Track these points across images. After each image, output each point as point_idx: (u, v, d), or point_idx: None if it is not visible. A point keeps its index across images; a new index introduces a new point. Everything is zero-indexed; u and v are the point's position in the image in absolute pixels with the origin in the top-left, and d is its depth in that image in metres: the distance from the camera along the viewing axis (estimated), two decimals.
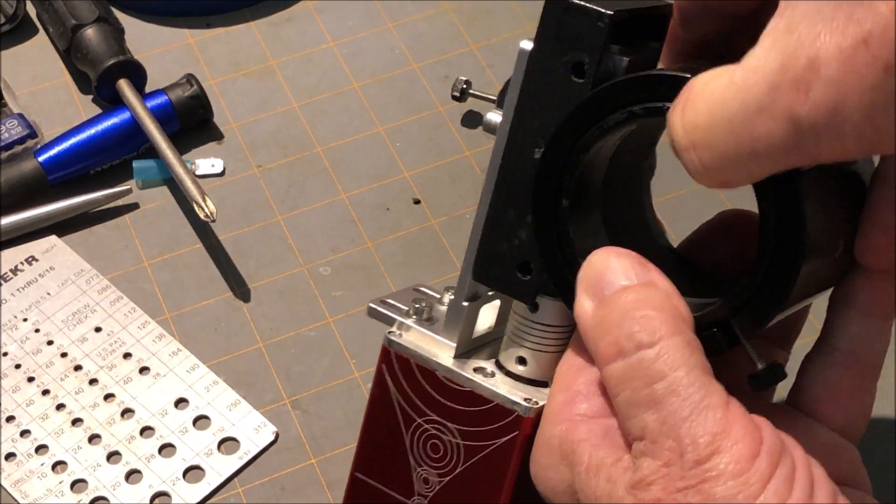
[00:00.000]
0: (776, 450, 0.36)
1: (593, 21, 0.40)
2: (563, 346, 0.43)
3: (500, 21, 0.80)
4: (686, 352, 0.36)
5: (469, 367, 0.44)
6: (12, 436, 0.62)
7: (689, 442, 0.35)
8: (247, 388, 0.64)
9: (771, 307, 0.38)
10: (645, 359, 0.36)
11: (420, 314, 0.46)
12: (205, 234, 0.70)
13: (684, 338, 0.37)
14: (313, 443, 0.63)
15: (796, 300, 0.39)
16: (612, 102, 0.40)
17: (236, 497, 0.61)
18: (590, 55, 0.40)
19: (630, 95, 0.39)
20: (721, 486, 0.34)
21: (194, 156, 0.74)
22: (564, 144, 0.41)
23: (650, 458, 0.36)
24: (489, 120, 0.44)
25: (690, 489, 0.35)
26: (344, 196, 0.72)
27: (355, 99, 0.77)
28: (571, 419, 0.39)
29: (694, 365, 0.36)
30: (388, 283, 0.68)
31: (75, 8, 0.75)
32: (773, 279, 0.38)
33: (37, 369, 0.65)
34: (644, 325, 0.37)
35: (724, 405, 0.36)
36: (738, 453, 0.35)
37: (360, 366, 0.65)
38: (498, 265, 0.43)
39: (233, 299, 0.68)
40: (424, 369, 0.44)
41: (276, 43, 0.79)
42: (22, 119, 0.73)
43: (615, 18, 0.40)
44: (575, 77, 0.41)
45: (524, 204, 0.42)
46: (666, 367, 0.36)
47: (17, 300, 0.67)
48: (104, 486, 0.61)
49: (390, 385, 0.45)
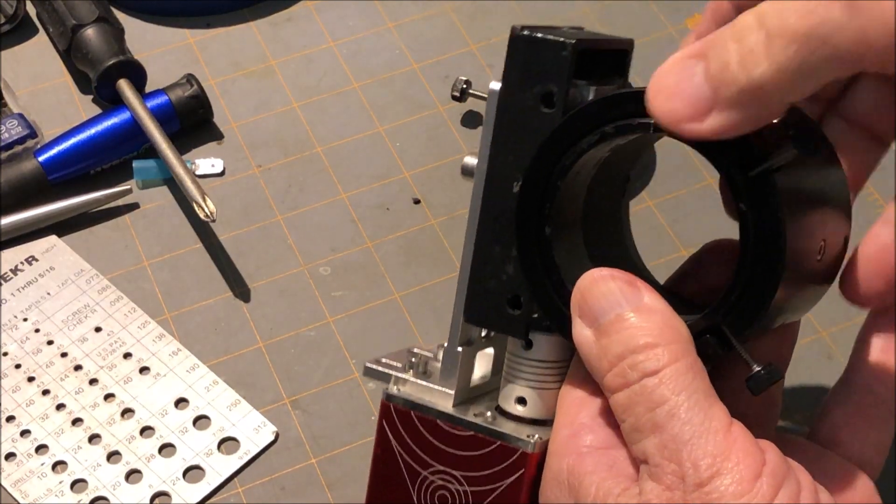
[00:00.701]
0: (780, 472, 0.36)
1: (557, 51, 0.41)
2: (560, 381, 0.43)
3: (500, 21, 0.80)
4: (689, 376, 0.37)
5: (469, 413, 0.44)
6: (12, 436, 0.62)
7: (691, 465, 0.35)
8: (247, 388, 0.64)
9: (759, 305, 0.38)
10: (648, 385, 0.37)
11: (416, 368, 0.46)
12: (205, 234, 0.70)
13: (687, 362, 0.37)
14: (313, 443, 0.63)
15: (784, 302, 0.39)
16: (585, 125, 0.41)
17: (236, 497, 0.61)
18: (557, 84, 0.41)
19: (601, 116, 0.40)
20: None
21: (194, 156, 0.74)
22: (542, 172, 0.42)
23: (653, 481, 0.36)
24: (466, 164, 0.44)
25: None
26: (344, 196, 0.72)
27: (355, 99, 0.77)
28: (578, 452, 0.40)
29: (696, 389, 0.36)
30: (389, 283, 0.68)
31: (75, 8, 0.75)
32: (758, 277, 0.38)
33: (37, 369, 0.65)
34: (647, 355, 0.37)
35: (725, 428, 0.36)
36: (740, 474, 0.35)
37: (360, 366, 0.65)
38: (488, 303, 0.44)
39: (233, 299, 0.68)
40: (425, 419, 0.45)
41: (276, 43, 0.79)
42: (22, 119, 0.73)
43: (578, 47, 0.41)
44: (545, 108, 0.42)
45: (508, 238, 0.43)
46: (668, 391, 0.36)
47: (17, 300, 0.67)
48: (104, 486, 0.61)
49: (392, 440, 0.45)
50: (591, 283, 0.39)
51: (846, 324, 0.66)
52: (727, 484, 0.35)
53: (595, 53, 0.43)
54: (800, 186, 0.39)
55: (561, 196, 0.41)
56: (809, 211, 0.40)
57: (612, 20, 0.80)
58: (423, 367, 0.46)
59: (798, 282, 0.39)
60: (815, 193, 0.40)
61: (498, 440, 0.43)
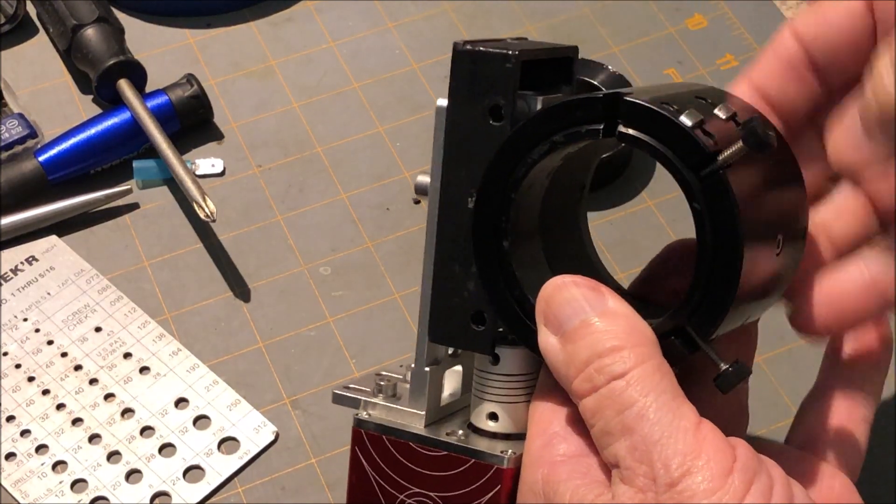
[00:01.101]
0: (751, 467, 0.36)
1: (502, 63, 0.41)
2: (530, 393, 0.43)
3: (500, 21, 0.80)
4: (656, 377, 0.37)
5: (442, 433, 0.44)
6: (12, 436, 0.62)
7: (661, 465, 0.35)
8: (247, 388, 0.64)
9: (721, 304, 0.38)
10: (615, 388, 0.37)
11: (385, 392, 0.46)
12: (205, 234, 0.70)
13: (653, 363, 0.37)
14: (313, 443, 0.63)
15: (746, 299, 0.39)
16: (534, 136, 0.41)
17: (236, 497, 0.61)
18: (504, 97, 0.41)
19: (550, 125, 0.40)
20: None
21: (194, 156, 0.74)
22: (495, 186, 0.41)
23: (625, 485, 0.36)
24: (419, 183, 0.44)
25: None
26: (344, 196, 0.72)
27: (355, 99, 0.77)
28: (552, 461, 0.39)
29: (664, 390, 0.36)
30: (389, 283, 0.68)
31: (75, 8, 0.75)
32: (718, 276, 0.38)
33: (37, 369, 0.65)
34: (614, 358, 0.37)
35: (695, 426, 0.36)
36: (711, 472, 0.35)
37: (359, 366, 0.65)
38: (452, 321, 0.43)
39: (233, 299, 0.68)
40: (397, 442, 0.44)
41: (276, 43, 0.79)
42: (22, 119, 0.73)
43: (521, 57, 0.41)
44: (493, 121, 0.42)
45: (467, 255, 0.43)
46: (636, 393, 0.36)
47: (17, 300, 0.67)
48: (104, 486, 0.61)
49: (366, 466, 0.45)
50: (555, 291, 0.39)
51: None
52: (698, 482, 0.35)
53: (539, 63, 0.43)
54: (752, 182, 0.39)
55: (516, 208, 0.41)
56: (764, 206, 0.40)
57: (612, 20, 0.80)
58: (392, 389, 0.46)
59: (758, 278, 0.39)
60: (769, 188, 0.40)
61: (471, 458, 0.43)
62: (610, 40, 0.79)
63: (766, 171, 0.40)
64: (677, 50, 0.78)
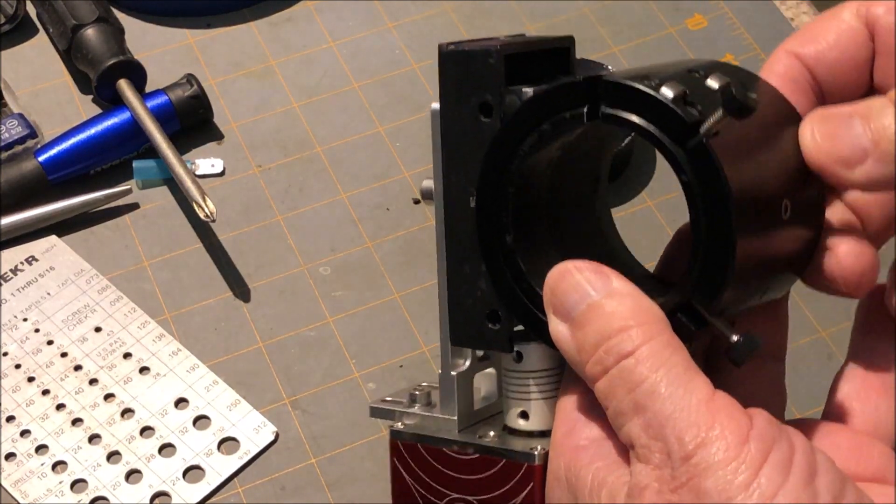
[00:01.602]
0: (768, 435, 0.35)
1: (486, 60, 0.41)
2: (558, 388, 0.43)
3: (500, 21, 0.80)
4: (666, 353, 0.36)
5: (475, 436, 0.44)
6: (12, 436, 0.62)
7: (675, 440, 0.35)
8: (247, 388, 0.64)
9: (722, 271, 0.37)
10: (625, 367, 0.36)
11: (420, 401, 0.46)
12: (205, 234, 0.70)
13: (662, 339, 0.37)
14: (313, 443, 0.63)
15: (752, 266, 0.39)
16: (522, 128, 0.41)
17: (236, 497, 0.61)
18: (492, 93, 0.41)
19: (535, 116, 0.40)
20: (711, 478, 0.34)
21: (194, 156, 0.74)
22: (492, 183, 0.42)
23: (641, 463, 0.36)
24: (424, 187, 0.45)
25: (682, 487, 0.34)
26: (344, 196, 0.72)
27: (355, 99, 0.77)
28: (574, 448, 0.39)
29: (674, 364, 0.36)
30: (389, 283, 0.68)
31: (75, 8, 0.75)
32: (714, 243, 0.37)
33: (37, 369, 0.65)
34: (622, 337, 0.37)
35: (708, 398, 0.35)
36: (726, 442, 0.34)
37: (360, 366, 0.65)
38: (470, 323, 0.43)
39: (233, 299, 0.68)
40: (432, 449, 0.44)
41: (276, 43, 0.79)
42: (22, 119, 0.73)
43: (504, 52, 0.41)
44: (484, 118, 0.42)
45: (475, 255, 0.43)
46: (646, 370, 0.36)
47: (17, 300, 0.67)
48: (104, 486, 0.61)
49: (406, 476, 0.45)
50: (559, 278, 0.39)
51: (846, 324, 0.66)
52: (713, 453, 0.34)
53: (531, 57, 0.43)
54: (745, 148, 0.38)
55: (517, 202, 0.41)
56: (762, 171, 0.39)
57: (612, 20, 0.80)
58: (427, 398, 0.46)
59: (763, 246, 0.39)
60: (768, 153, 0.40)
61: (503, 458, 0.43)
62: (610, 40, 0.79)
63: (763, 136, 0.39)
64: (677, 50, 0.78)
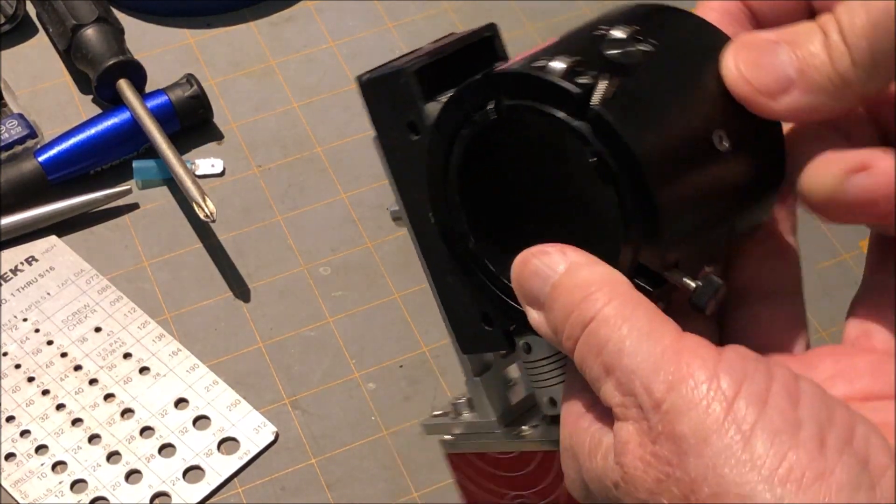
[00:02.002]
0: (739, 368, 0.34)
1: (398, 81, 0.42)
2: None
3: (500, 21, 0.80)
4: (627, 309, 0.35)
5: (512, 433, 0.44)
6: (12, 436, 0.62)
7: (644, 390, 0.34)
8: (247, 388, 0.64)
9: (653, 225, 0.36)
10: (590, 332, 0.36)
11: (462, 409, 0.46)
12: (205, 234, 0.70)
13: (622, 298, 0.36)
14: (313, 443, 0.63)
15: (693, 210, 0.37)
16: (445, 138, 0.40)
17: (236, 497, 0.61)
18: (412, 112, 0.42)
19: (451, 124, 0.40)
20: (684, 420, 0.33)
21: (194, 156, 0.74)
22: (439, 195, 0.42)
23: (621, 422, 0.35)
24: (392, 212, 0.46)
25: (661, 436, 0.33)
26: (344, 196, 0.72)
27: (355, 99, 0.76)
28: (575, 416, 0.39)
29: (637, 317, 0.35)
30: (388, 283, 0.68)
31: (75, 8, 0.75)
32: (639, 201, 0.36)
33: (37, 369, 0.65)
34: (584, 306, 0.36)
35: (674, 342, 0.34)
36: (693, 381, 0.33)
37: (359, 366, 0.65)
38: (469, 330, 0.44)
39: (233, 299, 0.68)
40: (481, 455, 0.45)
41: (276, 43, 0.79)
42: (22, 119, 0.73)
43: (414, 68, 0.41)
44: (414, 136, 0.42)
45: (452, 265, 0.43)
46: (609, 330, 0.35)
47: (17, 300, 0.67)
48: (104, 486, 0.61)
49: (468, 484, 0.46)
50: (521, 269, 0.39)
51: None
52: (683, 394, 0.33)
53: (448, 60, 0.42)
54: (647, 95, 0.37)
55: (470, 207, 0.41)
56: (674, 110, 0.38)
57: None
58: (470, 405, 0.47)
59: (697, 182, 0.37)
60: (680, 88, 0.38)
61: (539, 448, 0.43)
62: None
63: (680, 73, 0.38)
64: None
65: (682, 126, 0.37)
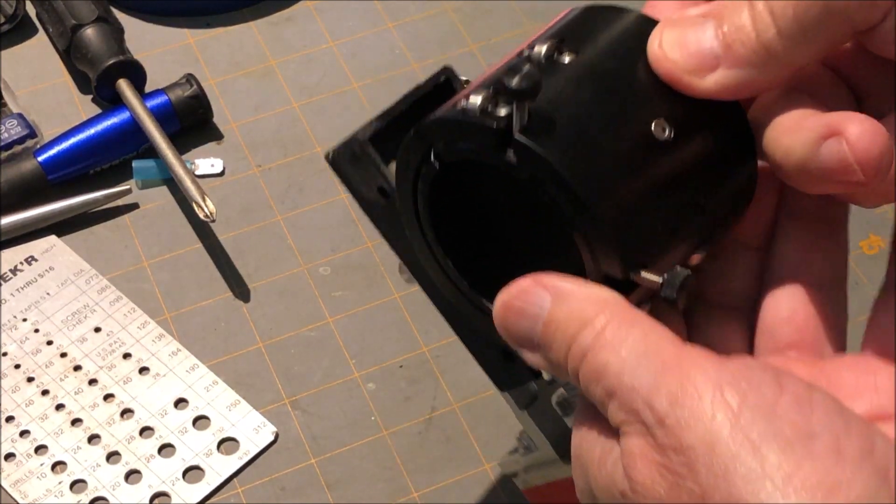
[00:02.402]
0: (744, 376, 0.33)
1: (355, 150, 0.43)
2: None
3: (500, 21, 0.80)
4: (622, 329, 0.35)
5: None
6: (12, 436, 0.62)
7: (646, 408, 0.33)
8: (247, 388, 0.64)
9: (598, 225, 0.36)
10: (588, 362, 0.35)
11: (527, 440, 0.47)
12: (205, 234, 0.70)
13: (618, 318, 0.35)
14: (313, 443, 0.63)
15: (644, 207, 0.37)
16: (408, 195, 0.41)
17: (236, 497, 0.61)
18: (377, 176, 0.43)
19: (407, 182, 0.41)
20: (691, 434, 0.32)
21: (194, 156, 0.74)
22: (422, 249, 0.42)
23: (625, 438, 0.34)
24: (400, 269, 0.47)
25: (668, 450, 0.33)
26: (344, 196, 0.72)
27: (355, 99, 0.76)
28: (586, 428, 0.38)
29: (633, 337, 0.34)
30: (388, 283, 0.68)
31: (75, 8, 0.75)
32: (573, 206, 0.36)
33: (36, 369, 0.65)
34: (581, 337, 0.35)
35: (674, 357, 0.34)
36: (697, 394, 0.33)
37: (359, 366, 0.65)
38: (496, 368, 0.44)
39: (233, 299, 0.68)
40: (550, 484, 0.45)
41: (276, 43, 0.79)
42: (22, 119, 0.73)
43: (367, 136, 0.42)
44: (385, 199, 0.43)
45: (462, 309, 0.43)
46: (607, 354, 0.35)
47: (17, 300, 0.67)
48: (104, 487, 0.61)
49: None
50: (503, 315, 0.38)
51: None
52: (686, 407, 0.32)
53: (405, 116, 0.42)
54: (569, 104, 0.37)
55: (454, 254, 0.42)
56: (602, 111, 0.37)
57: None
58: (529, 439, 0.47)
59: (640, 171, 0.37)
60: (607, 87, 0.37)
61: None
62: None
63: (607, 71, 0.37)
64: None
65: (612, 127, 0.37)
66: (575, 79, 0.37)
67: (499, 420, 0.63)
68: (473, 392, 0.64)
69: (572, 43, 0.38)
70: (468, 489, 0.61)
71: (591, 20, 0.40)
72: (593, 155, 0.36)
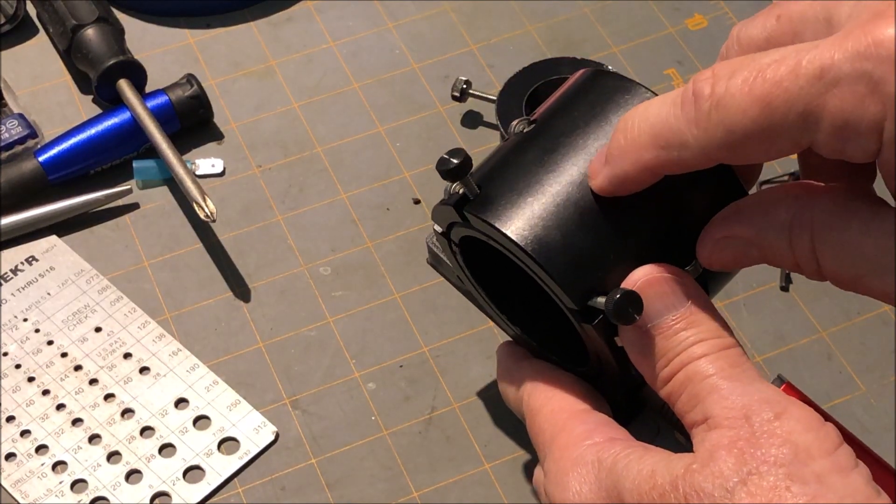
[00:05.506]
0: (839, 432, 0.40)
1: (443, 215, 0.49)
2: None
3: (500, 21, 0.80)
4: (721, 362, 0.42)
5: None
6: (12, 436, 0.62)
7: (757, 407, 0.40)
8: (247, 388, 0.64)
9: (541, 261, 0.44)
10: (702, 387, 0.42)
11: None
12: (205, 234, 0.70)
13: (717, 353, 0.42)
14: (313, 443, 0.63)
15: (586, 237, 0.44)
16: (462, 267, 0.53)
17: (236, 497, 0.61)
18: (452, 239, 0.51)
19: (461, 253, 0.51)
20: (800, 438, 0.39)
21: (194, 156, 0.74)
22: (492, 314, 0.53)
23: (715, 430, 0.40)
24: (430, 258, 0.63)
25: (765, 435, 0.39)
26: (344, 196, 0.72)
27: (355, 99, 0.77)
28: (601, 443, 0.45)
29: (730, 374, 0.41)
30: (389, 283, 0.68)
31: (75, 8, 0.75)
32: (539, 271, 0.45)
33: (37, 369, 0.65)
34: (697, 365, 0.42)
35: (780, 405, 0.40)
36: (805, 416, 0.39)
37: (359, 366, 0.65)
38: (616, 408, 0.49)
39: (233, 299, 0.68)
40: None
41: (276, 43, 0.79)
42: (22, 119, 0.73)
43: (450, 202, 0.48)
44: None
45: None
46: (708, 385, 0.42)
47: (17, 300, 0.67)
48: (104, 486, 0.61)
49: None
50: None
51: (846, 324, 0.66)
52: (795, 420, 0.39)
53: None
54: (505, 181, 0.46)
55: (518, 319, 0.51)
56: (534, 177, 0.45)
57: (612, 20, 0.80)
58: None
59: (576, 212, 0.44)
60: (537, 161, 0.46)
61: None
62: (610, 40, 0.79)
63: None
64: (677, 50, 0.78)
65: (550, 182, 0.45)
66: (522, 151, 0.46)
67: (499, 420, 0.63)
68: (473, 392, 0.64)
69: (543, 112, 0.48)
70: (468, 489, 0.61)
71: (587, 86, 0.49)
72: (521, 207, 0.45)
